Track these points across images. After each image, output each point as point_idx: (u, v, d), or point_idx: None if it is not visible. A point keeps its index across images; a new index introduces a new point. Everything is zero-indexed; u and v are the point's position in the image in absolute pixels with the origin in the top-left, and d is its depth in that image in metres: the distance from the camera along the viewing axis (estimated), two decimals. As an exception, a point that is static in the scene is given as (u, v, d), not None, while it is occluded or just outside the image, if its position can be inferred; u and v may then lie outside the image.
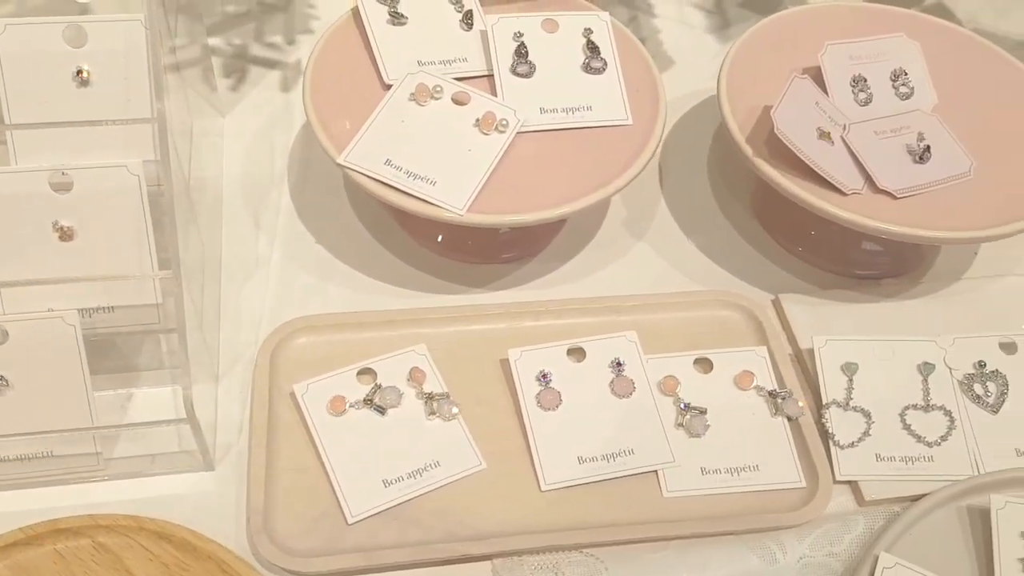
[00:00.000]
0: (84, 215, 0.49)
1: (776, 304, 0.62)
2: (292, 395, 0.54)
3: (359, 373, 0.55)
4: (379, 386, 0.55)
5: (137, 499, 0.51)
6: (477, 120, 0.59)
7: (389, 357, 0.56)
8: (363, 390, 0.54)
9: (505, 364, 0.57)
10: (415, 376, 0.55)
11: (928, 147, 0.60)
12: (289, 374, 0.55)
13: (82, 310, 0.49)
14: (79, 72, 0.50)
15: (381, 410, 0.54)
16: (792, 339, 0.60)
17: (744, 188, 0.69)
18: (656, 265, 0.65)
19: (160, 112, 0.48)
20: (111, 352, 0.56)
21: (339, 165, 0.56)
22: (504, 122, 0.59)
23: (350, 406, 0.54)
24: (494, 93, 0.61)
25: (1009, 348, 0.59)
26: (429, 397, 0.55)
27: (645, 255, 0.66)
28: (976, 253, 0.67)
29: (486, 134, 0.59)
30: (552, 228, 0.66)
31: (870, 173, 0.58)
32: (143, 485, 0.52)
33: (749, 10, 0.83)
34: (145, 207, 0.49)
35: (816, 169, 0.56)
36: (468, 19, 0.65)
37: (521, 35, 0.63)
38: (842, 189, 0.57)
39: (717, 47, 0.79)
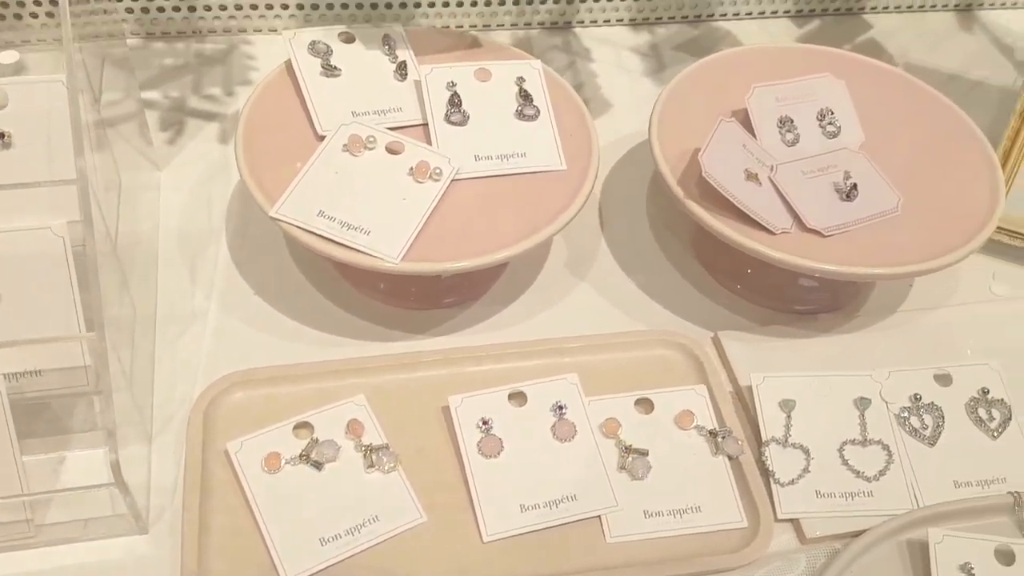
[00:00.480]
0: (8, 279, 0.49)
1: (715, 341, 0.63)
2: (226, 453, 0.53)
3: (296, 427, 0.55)
4: (316, 440, 0.54)
5: (69, 565, 0.50)
6: (411, 169, 0.59)
7: (326, 410, 0.55)
8: (299, 445, 0.54)
9: (447, 411, 0.56)
10: (353, 428, 0.55)
11: (855, 185, 0.61)
12: (225, 431, 0.55)
13: (8, 374, 0.48)
14: (0, 135, 0.49)
15: (318, 465, 0.53)
16: (732, 376, 0.61)
17: (683, 228, 0.70)
18: (597, 306, 0.65)
19: (80, 171, 0.47)
20: (43, 414, 0.55)
21: (271, 218, 0.56)
22: (438, 170, 0.59)
23: (286, 462, 0.53)
24: (429, 142, 0.62)
25: (944, 380, 0.60)
26: (368, 449, 0.54)
27: (587, 296, 0.66)
28: (911, 286, 0.68)
29: (420, 182, 0.59)
30: (493, 272, 0.66)
31: (798, 213, 0.59)
32: (76, 551, 0.51)
33: (685, 53, 0.85)
34: (71, 268, 0.49)
35: (744, 210, 0.57)
36: (402, 69, 0.65)
37: (454, 84, 0.63)
38: (771, 229, 0.58)
39: (654, 90, 0.80)
